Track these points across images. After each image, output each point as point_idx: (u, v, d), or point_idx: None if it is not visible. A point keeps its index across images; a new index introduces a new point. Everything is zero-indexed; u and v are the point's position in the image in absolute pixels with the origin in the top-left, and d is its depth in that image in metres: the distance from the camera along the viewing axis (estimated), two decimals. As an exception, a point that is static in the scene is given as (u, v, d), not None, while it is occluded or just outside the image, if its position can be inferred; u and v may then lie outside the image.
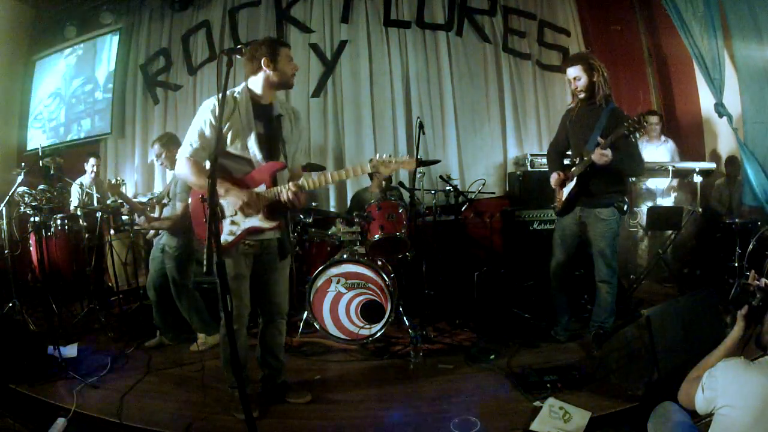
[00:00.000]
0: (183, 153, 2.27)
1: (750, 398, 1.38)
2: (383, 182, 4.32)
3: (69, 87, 5.73)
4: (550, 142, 3.29)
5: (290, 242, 2.52)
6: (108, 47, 5.58)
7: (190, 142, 2.25)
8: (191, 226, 2.47)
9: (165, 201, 3.37)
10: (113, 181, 3.53)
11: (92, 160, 4.91)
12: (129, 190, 5.24)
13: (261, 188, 2.29)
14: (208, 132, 2.23)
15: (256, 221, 2.28)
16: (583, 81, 2.90)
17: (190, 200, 2.50)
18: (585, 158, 2.84)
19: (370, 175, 4.16)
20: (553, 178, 3.12)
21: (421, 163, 3.57)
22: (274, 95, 2.39)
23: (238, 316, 2.33)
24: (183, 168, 2.27)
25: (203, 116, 2.24)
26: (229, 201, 2.25)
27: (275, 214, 2.33)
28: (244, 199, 2.21)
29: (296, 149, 2.49)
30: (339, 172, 2.26)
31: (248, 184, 2.28)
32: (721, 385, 1.46)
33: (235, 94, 2.29)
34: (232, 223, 2.27)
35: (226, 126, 2.23)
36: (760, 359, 1.48)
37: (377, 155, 2.24)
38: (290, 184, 2.25)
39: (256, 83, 2.32)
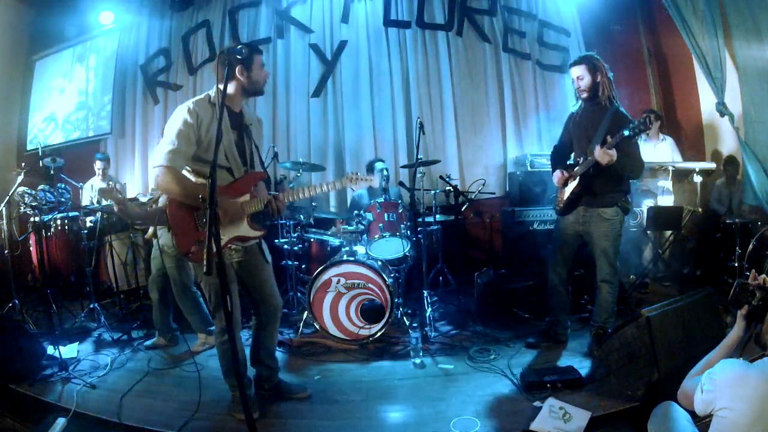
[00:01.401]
0: (159, 160, 2.11)
1: (748, 400, 1.38)
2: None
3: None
4: (555, 145, 3.29)
5: (265, 247, 2.52)
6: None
7: (167, 149, 2.12)
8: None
9: (162, 201, 3.36)
10: (104, 186, 3.48)
11: (99, 163, 4.91)
12: (129, 191, 5.24)
13: (245, 198, 2.28)
14: (188, 135, 2.14)
15: (242, 230, 2.28)
16: (586, 81, 2.90)
17: (168, 210, 2.26)
18: (589, 157, 2.84)
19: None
20: (556, 176, 3.10)
21: (421, 163, 3.57)
22: (242, 103, 2.38)
23: (234, 321, 2.33)
24: (161, 177, 2.11)
25: (181, 120, 2.15)
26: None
27: (260, 223, 2.34)
28: (228, 209, 2.18)
29: (264, 156, 2.51)
30: (315, 186, 2.40)
31: (231, 194, 2.26)
32: (719, 386, 1.45)
33: (211, 99, 2.26)
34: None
35: (206, 133, 2.19)
36: (759, 360, 1.48)
37: (349, 173, 2.44)
38: (276, 195, 2.29)
39: (229, 89, 2.26)
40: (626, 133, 2.65)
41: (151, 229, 3.51)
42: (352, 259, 3.37)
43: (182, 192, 2.15)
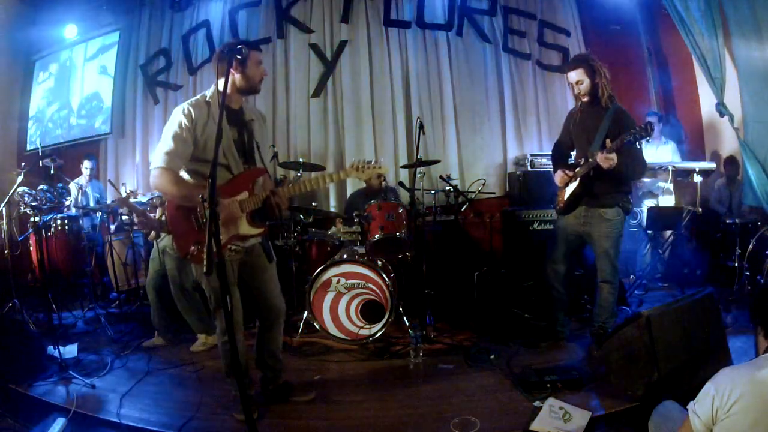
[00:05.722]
0: (157, 162, 2.13)
1: (745, 400, 1.36)
2: (380, 183, 4.29)
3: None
4: (554, 144, 3.28)
5: (270, 247, 2.49)
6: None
7: (164, 150, 2.14)
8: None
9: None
10: (123, 194, 3.45)
11: (87, 163, 4.91)
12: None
13: (243, 195, 2.26)
14: (184, 137, 2.15)
15: (241, 228, 2.26)
16: (586, 84, 2.86)
17: (167, 212, 2.35)
18: (590, 160, 2.83)
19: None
20: (558, 176, 3.08)
21: (421, 163, 3.57)
22: (242, 99, 2.37)
23: (235, 321, 2.32)
24: (158, 178, 2.13)
25: (177, 122, 2.16)
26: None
27: (260, 220, 2.33)
28: (225, 208, 2.14)
29: (266, 152, 2.48)
30: (317, 177, 2.31)
31: (229, 192, 2.24)
32: (717, 391, 1.41)
33: (207, 99, 2.26)
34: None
35: (201, 133, 2.19)
36: (753, 360, 1.45)
37: (354, 159, 2.31)
38: (274, 190, 2.27)
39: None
40: (627, 138, 2.63)
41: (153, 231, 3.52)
42: (352, 258, 3.37)
43: (179, 193, 2.16)
